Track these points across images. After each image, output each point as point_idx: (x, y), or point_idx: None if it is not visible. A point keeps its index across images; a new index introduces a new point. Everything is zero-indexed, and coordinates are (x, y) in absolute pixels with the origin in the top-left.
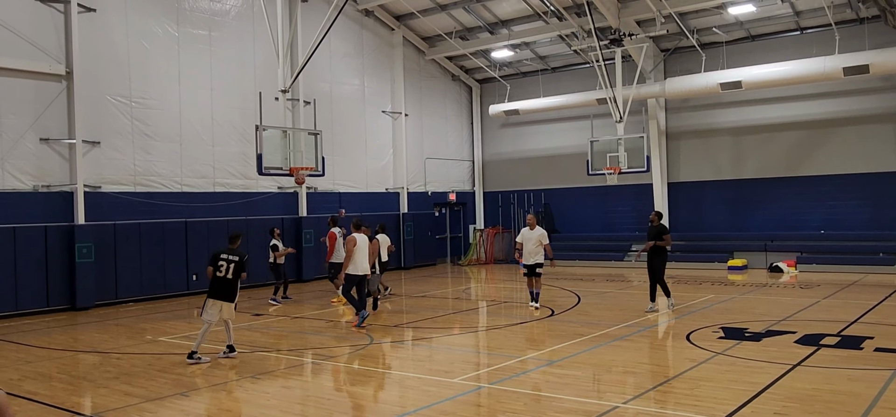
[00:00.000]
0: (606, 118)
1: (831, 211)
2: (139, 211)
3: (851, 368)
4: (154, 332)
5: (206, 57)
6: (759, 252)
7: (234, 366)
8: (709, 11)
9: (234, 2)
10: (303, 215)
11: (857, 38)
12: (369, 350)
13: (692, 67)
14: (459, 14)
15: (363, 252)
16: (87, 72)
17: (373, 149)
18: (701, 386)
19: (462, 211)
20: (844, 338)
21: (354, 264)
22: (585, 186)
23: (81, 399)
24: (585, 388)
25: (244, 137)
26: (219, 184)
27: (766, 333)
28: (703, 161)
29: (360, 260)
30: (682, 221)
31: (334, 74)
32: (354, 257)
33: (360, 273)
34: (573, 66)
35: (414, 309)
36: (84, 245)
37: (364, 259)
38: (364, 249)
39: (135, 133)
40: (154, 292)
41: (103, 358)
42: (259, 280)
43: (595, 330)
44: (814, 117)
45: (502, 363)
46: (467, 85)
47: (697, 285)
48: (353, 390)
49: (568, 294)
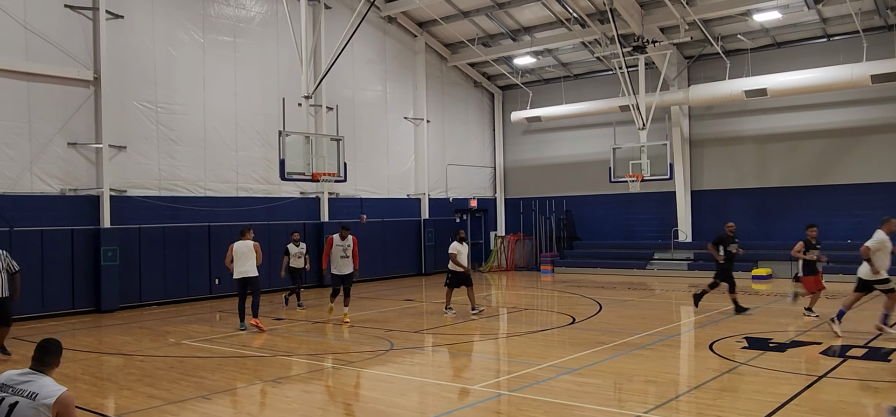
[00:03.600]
0: (629, 125)
1: (858, 220)
2: (163, 215)
3: (879, 380)
4: (177, 335)
5: (231, 63)
6: (784, 261)
7: (255, 370)
8: (733, 18)
9: (259, 9)
10: (325, 220)
11: (886, 46)
12: (389, 355)
13: (716, 74)
14: (482, 21)
15: (241, 256)
16: (114, 77)
17: (394, 154)
18: (724, 397)
19: (483, 218)
20: (871, 350)
21: (236, 269)
22: (607, 194)
23: (105, 401)
24: (607, 397)
25: (267, 142)
26: (242, 189)
27: (791, 344)
28: (727, 169)
29: (238, 265)
30: (706, 230)
31: (357, 80)
32: (235, 263)
33: (238, 277)
34: (596, 72)
35: (434, 313)
36: (109, 248)
37: (243, 264)
38: (242, 254)
39: (160, 138)
40: (177, 295)
41: (127, 361)
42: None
43: (617, 338)
44: (840, 125)
45: (523, 370)
46: (489, 91)
47: (721, 294)
48: (373, 395)
49: (589, 302)
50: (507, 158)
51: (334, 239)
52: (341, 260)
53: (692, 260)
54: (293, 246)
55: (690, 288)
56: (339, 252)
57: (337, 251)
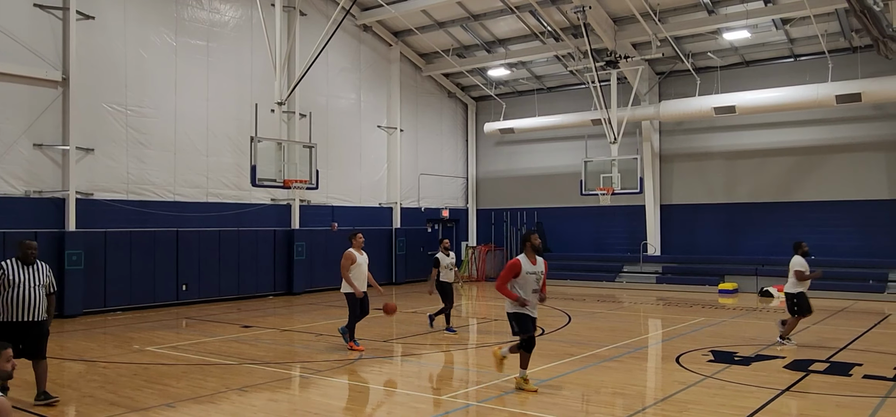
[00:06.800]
0: (601, 139)
1: (823, 237)
2: (131, 219)
3: (840, 395)
4: (141, 342)
5: (204, 67)
6: (751, 276)
7: (221, 378)
8: (704, 36)
9: (233, 13)
10: (295, 227)
11: (850, 67)
12: (358, 365)
13: (687, 91)
14: (457, 32)
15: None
16: (83, 79)
17: (367, 163)
18: (689, 410)
19: (455, 228)
20: (833, 364)
21: (360, 284)
22: (578, 206)
23: (65, 408)
24: (574, 409)
25: (239, 148)
26: (212, 195)
27: (756, 357)
28: (696, 184)
29: (361, 279)
30: (675, 244)
31: (331, 88)
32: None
33: (363, 291)
34: (569, 86)
35: (404, 324)
36: (74, 252)
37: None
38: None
39: (129, 141)
40: (143, 301)
41: (89, 367)
42: (249, 291)
43: (585, 350)
44: (806, 143)
45: (491, 381)
46: (463, 102)
47: (688, 307)
48: (341, 405)
49: (559, 313)
50: (480, 169)
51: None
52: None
53: (661, 273)
54: (444, 256)
55: (659, 300)
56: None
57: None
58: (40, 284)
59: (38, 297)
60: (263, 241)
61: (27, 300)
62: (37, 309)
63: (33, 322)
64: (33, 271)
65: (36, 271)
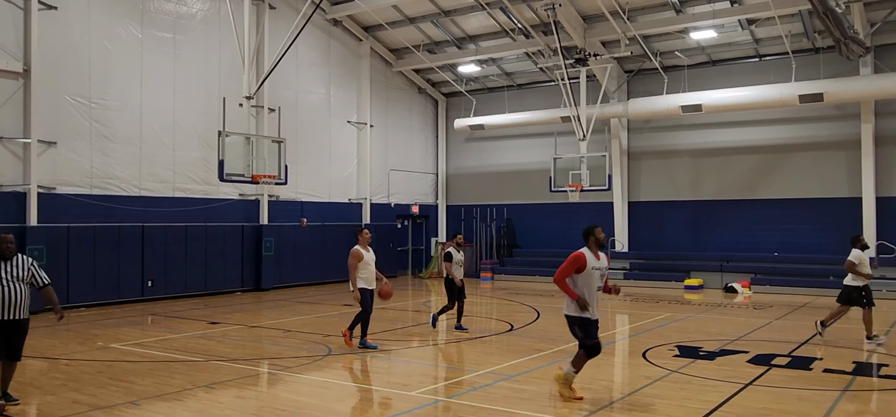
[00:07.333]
0: (570, 136)
1: (785, 234)
2: (95, 213)
3: (801, 388)
4: (105, 339)
5: (170, 60)
6: (715, 272)
7: (188, 375)
8: (672, 35)
9: (201, 5)
10: (264, 223)
11: (813, 68)
12: (327, 361)
13: (654, 89)
14: (428, 28)
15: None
16: (45, 70)
17: (337, 158)
18: (656, 404)
19: (424, 224)
20: (795, 359)
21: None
22: (548, 203)
23: (27, 407)
24: (542, 404)
25: (206, 143)
26: (178, 190)
27: (720, 352)
28: (663, 181)
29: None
30: (642, 240)
31: (300, 82)
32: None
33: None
34: (538, 83)
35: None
36: (35, 247)
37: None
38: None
39: (93, 134)
40: (107, 297)
41: (51, 365)
42: (217, 287)
43: (554, 345)
44: (770, 142)
45: (460, 376)
46: (433, 98)
47: (655, 303)
48: (309, 401)
49: (528, 309)
50: (450, 165)
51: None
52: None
53: (628, 269)
54: (455, 252)
55: (626, 296)
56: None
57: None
58: (18, 279)
59: (16, 293)
60: (231, 237)
61: (4, 297)
62: (16, 307)
63: (12, 320)
64: (11, 266)
65: (14, 265)
